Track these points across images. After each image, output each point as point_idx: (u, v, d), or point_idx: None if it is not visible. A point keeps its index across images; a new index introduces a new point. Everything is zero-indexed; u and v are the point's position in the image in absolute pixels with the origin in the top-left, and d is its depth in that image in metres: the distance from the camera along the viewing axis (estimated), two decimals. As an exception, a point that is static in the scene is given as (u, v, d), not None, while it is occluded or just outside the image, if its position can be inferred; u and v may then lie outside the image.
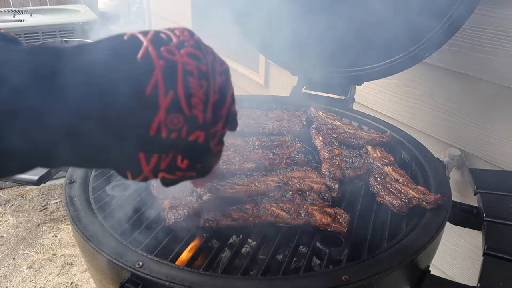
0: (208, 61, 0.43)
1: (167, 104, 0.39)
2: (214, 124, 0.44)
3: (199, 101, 0.41)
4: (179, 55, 0.40)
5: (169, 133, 0.40)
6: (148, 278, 0.66)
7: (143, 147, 0.40)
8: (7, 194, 2.92)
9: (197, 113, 0.41)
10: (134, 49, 0.39)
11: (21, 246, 2.47)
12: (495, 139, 1.31)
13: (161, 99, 0.39)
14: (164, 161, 0.42)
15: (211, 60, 0.44)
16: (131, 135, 0.39)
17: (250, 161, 1.01)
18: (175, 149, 0.42)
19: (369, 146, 1.09)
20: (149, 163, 0.41)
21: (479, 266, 0.75)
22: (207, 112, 0.43)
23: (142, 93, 0.38)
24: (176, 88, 0.39)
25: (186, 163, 0.43)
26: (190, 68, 0.41)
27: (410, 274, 0.74)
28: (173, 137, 0.40)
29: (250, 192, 0.90)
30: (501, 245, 0.79)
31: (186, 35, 0.43)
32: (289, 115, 1.28)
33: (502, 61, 1.22)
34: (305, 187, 0.91)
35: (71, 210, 0.83)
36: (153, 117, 0.39)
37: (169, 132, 0.40)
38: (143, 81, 0.38)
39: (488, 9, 1.22)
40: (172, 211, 0.82)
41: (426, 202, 0.85)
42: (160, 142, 0.40)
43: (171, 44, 0.41)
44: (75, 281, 2.23)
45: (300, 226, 0.83)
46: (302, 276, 0.68)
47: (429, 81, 1.48)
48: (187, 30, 0.44)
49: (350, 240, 0.79)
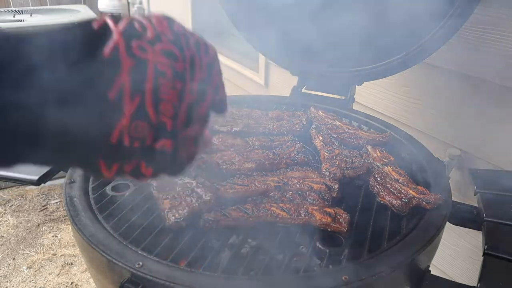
0: (186, 57, 0.38)
1: (132, 111, 0.34)
2: (187, 127, 0.40)
3: (170, 106, 0.37)
4: (152, 53, 0.35)
5: (131, 142, 0.36)
6: (148, 278, 0.66)
7: (103, 155, 0.36)
8: (7, 194, 2.91)
9: (166, 120, 0.37)
10: (101, 42, 0.34)
11: (21, 246, 2.47)
12: (495, 139, 1.31)
13: (126, 105, 0.34)
14: (127, 167, 0.38)
15: (191, 53, 0.39)
16: (90, 142, 0.34)
17: (250, 161, 1.01)
18: (138, 157, 0.37)
19: (369, 146, 1.09)
20: (110, 170, 0.37)
21: (479, 266, 0.75)
22: (179, 117, 0.38)
23: (104, 97, 0.33)
24: (143, 93, 0.35)
25: (150, 171, 0.39)
26: (163, 68, 0.36)
27: (410, 274, 0.74)
28: (136, 146, 0.36)
29: (250, 192, 0.90)
30: (501, 245, 0.79)
31: (164, 26, 0.37)
32: (289, 115, 1.28)
33: (502, 61, 1.22)
34: (305, 187, 0.91)
35: (71, 210, 0.83)
36: (115, 124, 0.34)
37: (132, 140, 0.36)
38: (106, 84, 0.33)
39: (489, 9, 1.22)
40: (172, 211, 0.82)
41: (426, 202, 0.85)
42: (121, 150, 0.36)
43: (145, 38, 0.36)
44: (75, 281, 2.23)
45: (300, 226, 0.83)
46: (302, 276, 0.68)
47: (429, 81, 1.48)
48: (166, 19, 0.38)
49: (350, 240, 0.79)
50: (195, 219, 0.82)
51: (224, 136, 1.14)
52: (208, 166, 0.99)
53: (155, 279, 0.66)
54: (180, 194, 0.87)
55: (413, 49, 1.16)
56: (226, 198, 0.88)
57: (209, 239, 0.81)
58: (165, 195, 0.87)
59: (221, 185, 0.90)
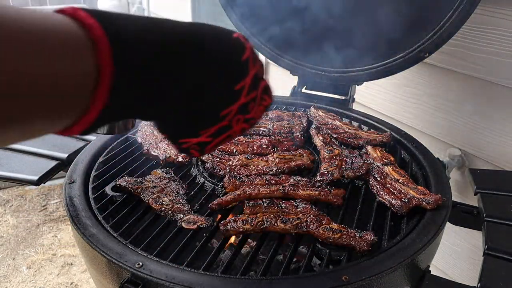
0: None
1: (244, 101, 0.52)
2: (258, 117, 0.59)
3: (260, 107, 0.56)
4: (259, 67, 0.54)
5: (236, 119, 0.53)
6: (148, 278, 0.66)
7: (226, 102, 0.51)
8: (7, 194, 2.91)
9: (257, 110, 0.56)
10: (230, 33, 0.51)
11: (21, 246, 2.47)
12: (495, 139, 1.31)
13: (242, 97, 0.51)
14: (237, 117, 0.53)
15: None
16: (215, 111, 0.50)
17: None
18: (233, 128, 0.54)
19: (369, 146, 1.09)
20: (228, 113, 0.52)
21: (479, 266, 0.75)
22: (260, 112, 0.57)
23: (231, 87, 0.50)
24: (259, 63, 0.53)
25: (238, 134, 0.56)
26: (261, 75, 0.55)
27: (410, 274, 0.74)
28: (235, 123, 0.54)
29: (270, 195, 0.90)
30: (501, 245, 0.79)
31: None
32: (289, 115, 1.28)
33: (503, 61, 1.22)
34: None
35: (71, 210, 0.83)
36: (231, 105, 0.51)
37: (237, 118, 0.53)
38: (237, 79, 0.50)
39: (488, 9, 1.22)
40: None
41: (426, 202, 0.85)
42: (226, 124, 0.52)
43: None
44: (75, 281, 2.23)
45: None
46: (302, 276, 0.68)
47: (429, 81, 1.48)
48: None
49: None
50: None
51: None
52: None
53: (155, 279, 0.66)
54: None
55: (413, 49, 1.16)
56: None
57: (209, 239, 0.81)
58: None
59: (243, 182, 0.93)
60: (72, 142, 1.21)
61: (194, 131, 0.51)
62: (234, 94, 0.51)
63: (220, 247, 0.79)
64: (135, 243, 0.76)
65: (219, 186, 0.95)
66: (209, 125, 0.51)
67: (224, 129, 0.53)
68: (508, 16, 1.18)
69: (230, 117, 0.52)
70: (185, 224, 0.81)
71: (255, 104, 0.55)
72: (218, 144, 0.55)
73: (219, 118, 0.51)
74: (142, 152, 1.08)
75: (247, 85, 0.51)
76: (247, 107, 0.53)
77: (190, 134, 0.52)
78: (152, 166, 1.04)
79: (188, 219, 0.82)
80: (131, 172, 1.01)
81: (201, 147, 0.54)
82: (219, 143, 0.55)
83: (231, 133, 0.55)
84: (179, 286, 0.64)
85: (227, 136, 0.54)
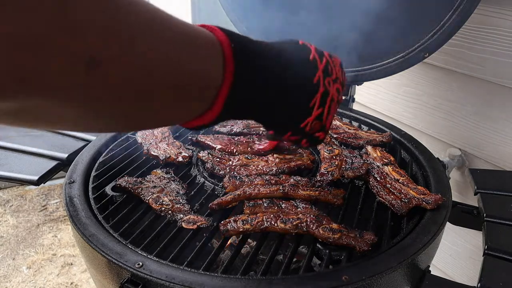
0: (343, 90, 0.68)
1: (315, 115, 0.61)
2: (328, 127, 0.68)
3: (331, 117, 0.66)
4: (332, 88, 0.62)
5: (309, 129, 0.62)
6: (148, 278, 0.66)
7: (293, 130, 0.62)
8: (7, 194, 2.91)
9: (326, 123, 0.65)
10: (312, 67, 0.60)
11: (21, 246, 2.47)
12: (495, 139, 1.32)
13: (314, 111, 0.60)
14: (298, 140, 0.65)
15: (344, 86, 0.68)
16: (295, 123, 0.60)
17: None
18: (306, 137, 0.65)
19: (369, 146, 1.09)
20: (290, 137, 0.63)
21: (479, 266, 0.75)
22: (329, 123, 0.66)
23: (305, 105, 0.59)
24: (324, 108, 0.62)
25: (306, 145, 0.67)
26: (335, 97, 0.64)
27: (410, 274, 0.74)
28: (309, 131, 0.63)
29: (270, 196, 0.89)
30: (501, 245, 0.79)
31: (338, 70, 0.66)
32: (289, 115, 1.28)
33: (503, 61, 1.22)
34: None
35: (71, 210, 0.83)
36: (306, 119, 0.60)
37: (310, 129, 0.62)
38: (309, 97, 0.59)
39: (488, 9, 1.22)
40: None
41: (426, 202, 0.85)
42: (302, 131, 0.62)
43: (331, 77, 0.63)
44: (75, 281, 2.23)
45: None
46: (302, 276, 0.68)
47: (429, 81, 1.48)
48: (339, 63, 0.68)
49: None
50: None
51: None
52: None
53: (155, 279, 0.66)
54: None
55: (413, 49, 1.17)
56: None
57: (209, 239, 0.81)
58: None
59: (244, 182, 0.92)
60: (72, 142, 1.21)
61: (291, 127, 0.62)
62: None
63: (220, 247, 0.79)
64: (135, 243, 0.76)
65: (219, 186, 0.95)
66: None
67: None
68: (508, 16, 1.18)
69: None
70: (185, 224, 0.81)
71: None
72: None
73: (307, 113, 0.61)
74: (142, 152, 1.08)
75: (317, 101, 0.61)
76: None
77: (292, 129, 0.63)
78: (152, 166, 1.04)
79: (188, 219, 0.82)
80: (131, 172, 1.01)
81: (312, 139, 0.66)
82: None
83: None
84: (179, 286, 0.64)
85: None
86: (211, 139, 1.12)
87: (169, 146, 1.08)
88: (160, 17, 0.39)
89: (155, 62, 0.37)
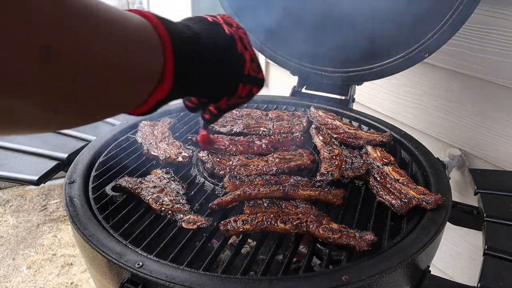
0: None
1: (249, 58, 0.67)
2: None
3: (255, 56, 0.70)
4: (236, 29, 0.66)
5: (251, 73, 0.68)
6: (148, 278, 0.66)
7: (243, 80, 0.67)
8: (7, 194, 2.91)
9: (258, 63, 0.71)
10: (222, 29, 0.64)
11: (21, 246, 2.47)
12: (495, 139, 1.32)
13: (247, 59, 0.66)
14: (253, 89, 0.70)
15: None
16: (237, 74, 0.66)
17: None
18: (253, 83, 0.70)
19: (369, 146, 1.09)
20: (243, 89, 0.68)
21: (479, 266, 0.75)
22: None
23: (241, 56, 0.65)
24: (251, 54, 0.68)
25: (257, 91, 0.72)
26: (247, 41, 0.68)
27: (410, 274, 0.74)
28: (252, 74, 0.69)
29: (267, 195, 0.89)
30: (501, 245, 0.79)
31: (233, 20, 0.69)
32: (289, 115, 1.28)
33: (503, 61, 1.22)
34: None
35: (71, 210, 0.83)
36: (245, 65, 0.66)
37: (251, 73, 0.68)
38: (234, 44, 0.64)
39: (489, 9, 1.22)
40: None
41: (426, 202, 0.85)
42: (248, 78, 0.68)
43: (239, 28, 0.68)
44: (75, 281, 2.23)
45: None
46: (302, 276, 0.68)
47: (429, 81, 1.48)
48: (231, 17, 0.70)
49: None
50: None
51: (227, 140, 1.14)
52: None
53: (155, 279, 0.66)
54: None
55: (413, 49, 1.17)
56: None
57: (209, 239, 0.81)
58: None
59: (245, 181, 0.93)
60: (72, 142, 1.21)
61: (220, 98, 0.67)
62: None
63: (220, 247, 0.79)
64: (135, 243, 0.76)
65: (219, 186, 0.95)
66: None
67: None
68: (508, 16, 1.18)
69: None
70: (185, 224, 0.81)
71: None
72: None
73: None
74: (142, 152, 1.08)
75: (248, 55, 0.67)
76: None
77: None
78: (152, 166, 1.04)
79: (188, 219, 0.82)
80: (131, 172, 1.01)
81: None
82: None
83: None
84: (179, 286, 0.64)
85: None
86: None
87: (169, 146, 1.08)
88: (100, 3, 0.40)
89: (106, 46, 0.39)
